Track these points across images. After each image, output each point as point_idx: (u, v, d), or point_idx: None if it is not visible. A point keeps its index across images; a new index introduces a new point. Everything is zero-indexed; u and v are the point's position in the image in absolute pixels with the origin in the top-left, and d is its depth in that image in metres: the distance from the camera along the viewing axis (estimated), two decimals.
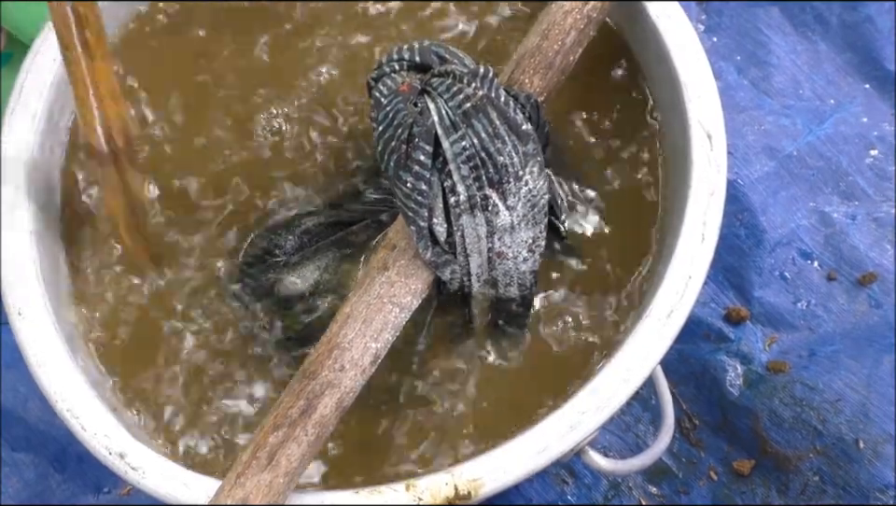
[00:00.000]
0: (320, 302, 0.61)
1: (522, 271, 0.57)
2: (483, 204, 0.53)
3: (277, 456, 0.49)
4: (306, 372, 0.52)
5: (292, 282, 0.61)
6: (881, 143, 0.88)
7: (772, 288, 0.83)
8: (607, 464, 0.57)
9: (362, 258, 0.62)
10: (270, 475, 0.49)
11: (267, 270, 0.61)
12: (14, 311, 0.57)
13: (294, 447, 0.50)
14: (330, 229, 0.62)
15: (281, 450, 0.49)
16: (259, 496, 0.48)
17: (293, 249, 0.62)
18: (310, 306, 0.61)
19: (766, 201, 0.86)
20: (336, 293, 0.61)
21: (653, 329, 0.55)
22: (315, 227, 0.62)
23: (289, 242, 0.62)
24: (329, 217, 0.62)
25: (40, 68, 0.63)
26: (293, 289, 0.61)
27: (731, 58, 0.92)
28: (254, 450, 0.50)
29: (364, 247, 0.62)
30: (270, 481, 0.49)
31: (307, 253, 0.62)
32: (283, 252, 0.61)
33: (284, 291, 0.61)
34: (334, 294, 0.61)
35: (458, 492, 0.52)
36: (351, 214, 0.62)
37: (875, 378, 0.76)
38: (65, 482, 0.81)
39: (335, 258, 0.62)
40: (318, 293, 0.61)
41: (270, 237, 0.62)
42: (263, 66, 0.67)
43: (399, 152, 0.53)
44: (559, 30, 0.58)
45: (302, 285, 0.61)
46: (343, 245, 0.62)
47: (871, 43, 0.91)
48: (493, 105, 0.52)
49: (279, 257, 0.61)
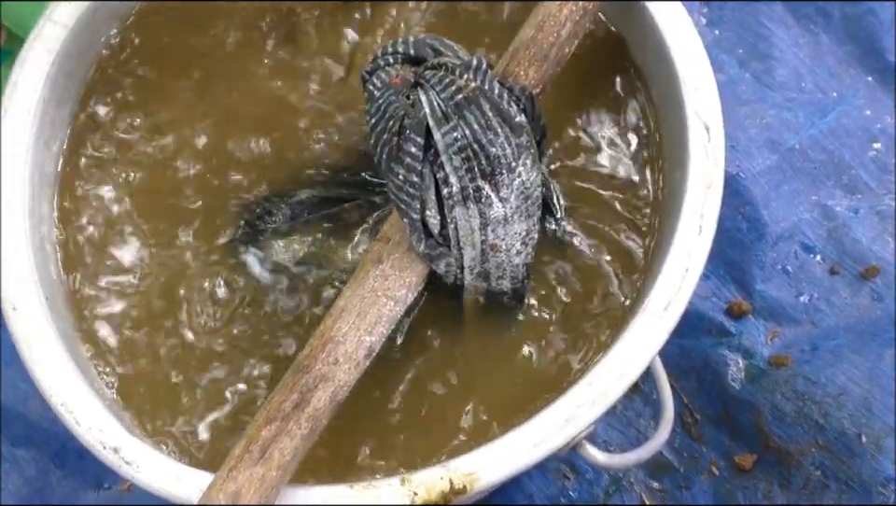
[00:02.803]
0: (305, 275, 0.61)
1: (515, 264, 0.57)
2: (476, 196, 0.53)
3: (270, 450, 0.49)
4: (300, 366, 0.52)
5: (279, 248, 0.61)
6: (884, 136, 0.87)
7: (774, 282, 0.83)
8: (604, 458, 0.56)
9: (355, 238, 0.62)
10: (262, 469, 0.49)
11: (256, 235, 0.62)
12: (8, 306, 0.57)
13: (287, 441, 0.50)
14: (323, 203, 0.63)
15: (274, 444, 0.49)
16: (252, 489, 0.48)
17: (285, 218, 0.62)
18: (293, 277, 0.61)
19: (768, 194, 0.85)
20: (321, 268, 0.61)
21: (650, 322, 0.55)
22: (308, 199, 0.63)
23: (282, 210, 0.62)
24: (324, 191, 0.63)
25: (36, 62, 0.63)
26: (279, 256, 0.61)
27: (733, 51, 0.92)
28: (246, 444, 0.49)
29: (354, 226, 0.62)
30: (262, 474, 0.49)
31: (297, 224, 0.62)
32: (274, 219, 0.62)
33: (273, 257, 0.61)
34: (319, 268, 0.61)
35: (453, 486, 0.52)
36: (346, 191, 0.63)
37: (877, 372, 0.76)
38: (66, 478, 0.81)
39: (324, 232, 0.62)
40: (303, 265, 0.61)
41: (265, 204, 0.63)
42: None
43: (390, 145, 0.53)
44: (554, 21, 0.58)
45: (288, 254, 0.61)
46: (334, 220, 0.62)
47: (873, 35, 0.90)
48: (485, 96, 0.52)
49: (270, 224, 0.62)
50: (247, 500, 0.48)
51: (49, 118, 0.63)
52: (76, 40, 0.64)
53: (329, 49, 0.67)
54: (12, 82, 0.62)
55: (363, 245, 0.62)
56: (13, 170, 0.60)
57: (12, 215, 0.59)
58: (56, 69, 0.63)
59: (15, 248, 0.58)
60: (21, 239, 0.59)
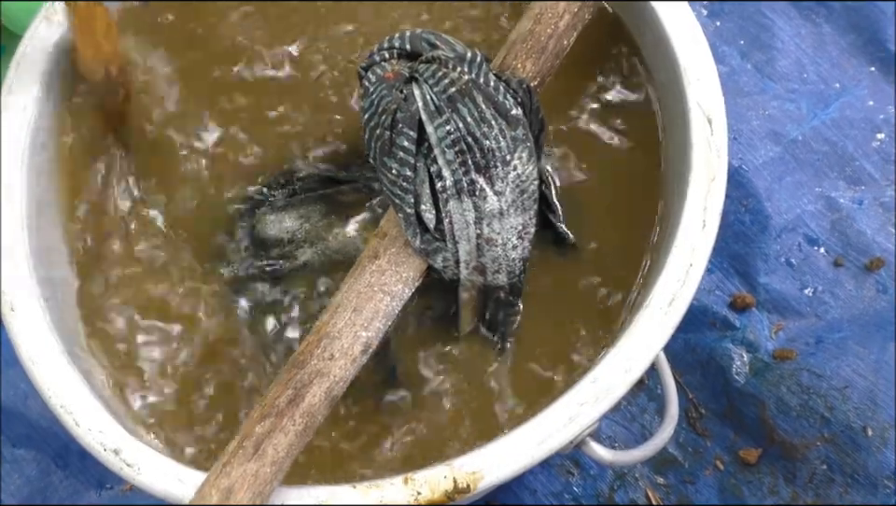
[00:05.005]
0: (296, 251, 0.61)
1: (511, 258, 0.56)
2: (471, 189, 0.53)
3: (263, 446, 0.49)
4: (295, 362, 0.52)
5: (273, 221, 0.61)
6: (887, 126, 0.87)
7: (778, 275, 0.82)
8: (608, 455, 0.56)
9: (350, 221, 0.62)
10: (256, 465, 0.48)
11: (254, 208, 0.62)
12: (6, 306, 0.56)
13: (281, 437, 0.49)
14: (323, 183, 0.63)
15: (268, 440, 0.49)
16: (245, 485, 0.48)
17: (284, 194, 0.62)
18: (284, 254, 0.61)
19: (771, 186, 0.85)
20: (314, 246, 0.61)
21: (654, 317, 0.54)
22: (308, 176, 0.63)
23: (282, 185, 0.62)
24: (325, 171, 0.63)
25: (33, 57, 0.62)
26: (272, 230, 0.61)
27: (734, 42, 0.91)
28: (240, 440, 0.49)
29: (351, 208, 0.62)
30: (256, 470, 0.48)
31: (294, 201, 0.62)
32: (272, 193, 0.62)
33: (262, 232, 0.61)
34: (312, 247, 0.61)
35: (457, 485, 0.51)
36: (346, 174, 0.62)
37: (882, 364, 0.75)
38: (67, 478, 0.81)
39: (320, 211, 0.62)
40: (296, 242, 0.61)
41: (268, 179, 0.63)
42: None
43: (382, 139, 0.53)
44: (552, 13, 0.57)
45: (281, 229, 0.61)
46: (331, 201, 0.62)
47: (875, 24, 0.90)
48: (479, 89, 0.52)
49: (269, 197, 0.62)
50: (240, 496, 0.48)
51: (47, 115, 0.63)
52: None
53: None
54: (9, 79, 0.62)
55: (357, 229, 0.62)
56: (12, 168, 0.60)
57: (11, 213, 0.59)
58: (53, 67, 0.62)
59: (13, 248, 0.58)
60: (20, 239, 0.59)
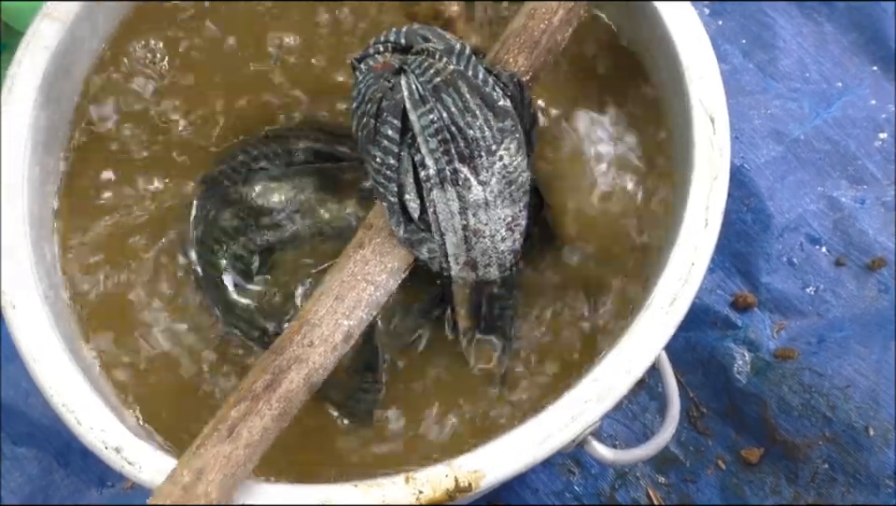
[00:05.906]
0: (287, 222, 0.61)
1: (501, 250, 0.56)
2: (454, 179, 0.53)
3: (238, 429, 0.49)
4: (274, 348, 0.52)
5: (268, 188, 0.61)
6: (889, 126, 0.87)
7: (780, 274, 0.82)
8: (610, 454, 0.56)
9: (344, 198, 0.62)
10: (230, 447, 0.48)
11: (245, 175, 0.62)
12: (8, 303, 0.56)
13: (256, 421, 0.49)
14: (321, 157, 0.63)
15: (242, 423, 0.49)
16: (217, 466, 0.48)
17: (280, 163, 0.62)
18: (276, 222, 0.61)
19: (773, 186, 0.85)
20: (305, 218, 0.61)
21: (656, 317, 0.54)
22: (306, 149, 0.63)
23: (279, 155, 0.62)
24: (325, 145, 0.63)
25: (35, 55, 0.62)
26: (266, 197, 0.61)
27: (736, 41, 0.91)
28: (215, 423, 0.49)
29: (346, 186, 0.62)
30: (229, 452, 0.48)
31: (290, 172, 0.62)
32: (267, 162, 0.62)
33: (257, 197, 0.61)
34: (303, 219, 0.61)
35: (459, 484, 0.51)
36: (345, 150, 0.62)
37: (884, 363, 0.76)
38: (69, 476, 0.81)
39: (315, 185, 0.62)
40: (287, 211, 0.61)
41: (261, 147, 0.63)
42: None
43: (368, 127, 0.53)
44: (546, 9, 0.57)
45: (275, 196, 0.61)
46: (327, 176, 0.62)
47: (877, 23, 0.90)
48: (465, 79, 0.52)
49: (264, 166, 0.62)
50: (212, 477, 0.48)
51: (48, 114, 0.63)
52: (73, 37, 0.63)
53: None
54: (10, 77, 0.62)
55: (350, 207, 0.62)
56: (13, 166, 0.60)
57: (12, 212, 0.59)
58: (54, 65, 0.62)
59: (14, 246, 0.58)
60: (21, 236, 0.58)
